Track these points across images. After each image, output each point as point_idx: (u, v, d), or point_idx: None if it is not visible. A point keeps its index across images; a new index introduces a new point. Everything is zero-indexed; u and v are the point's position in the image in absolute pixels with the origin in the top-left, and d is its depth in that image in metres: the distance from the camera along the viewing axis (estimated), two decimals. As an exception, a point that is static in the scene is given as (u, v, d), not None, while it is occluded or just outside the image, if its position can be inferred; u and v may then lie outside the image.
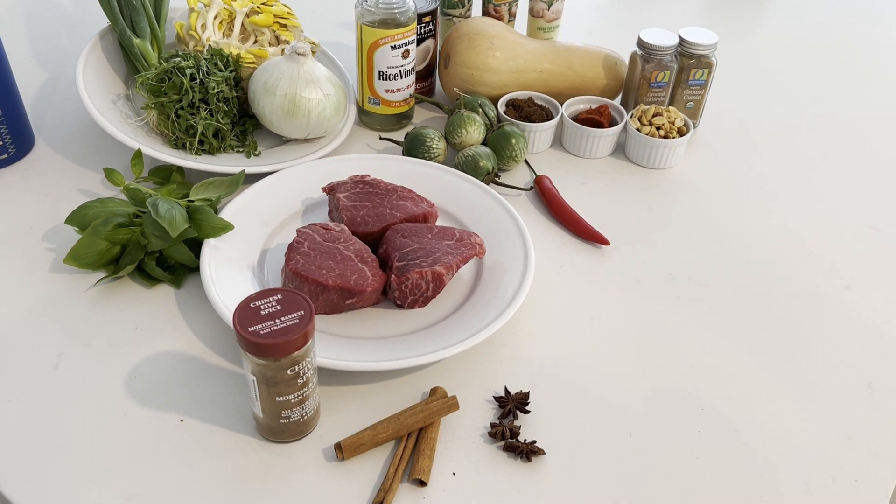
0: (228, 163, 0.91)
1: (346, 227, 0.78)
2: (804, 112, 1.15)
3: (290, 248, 0.74)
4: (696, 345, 0.76)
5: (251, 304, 0.59)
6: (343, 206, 0.81)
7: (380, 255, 0.77)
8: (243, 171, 0.84)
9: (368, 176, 0.85)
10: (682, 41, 0.99)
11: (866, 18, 1.47)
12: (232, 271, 0.77)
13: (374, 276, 0.73)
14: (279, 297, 0.60)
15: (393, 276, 0.73)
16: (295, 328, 0.58)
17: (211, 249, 0.78)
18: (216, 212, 0.84)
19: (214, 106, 0.90)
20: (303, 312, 0.59)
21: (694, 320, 0.78)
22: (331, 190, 0.84)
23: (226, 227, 0.79)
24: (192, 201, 0.82)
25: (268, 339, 0.57)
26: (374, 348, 0.71)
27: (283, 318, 0.58)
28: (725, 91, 1.18)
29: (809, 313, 0.80)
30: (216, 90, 0.90)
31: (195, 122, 0.89)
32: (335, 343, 0.71)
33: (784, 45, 1.35)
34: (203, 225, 0.79)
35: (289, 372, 0.60)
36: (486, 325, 0.71)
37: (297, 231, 0.76)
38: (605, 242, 0.86)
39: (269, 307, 0.59)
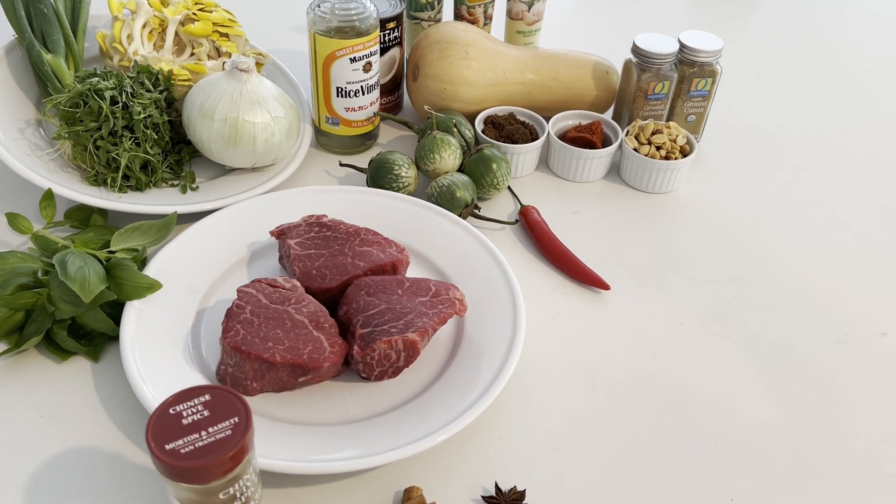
0: (159, 201, 0.77)
1: (298, 284, 0.65)
2: (815, 120, 1.04)
3: (229, 314, 0.61)
4: (716, 413, 0.64)
5: (170, 411, 0.46)
6: (295, 256, 0.68)
7: (340, 318, 0.64)
8: (175, 213, 0.70)
9: (325, 216, 0.72)
10: (682, 47, 0.87)
11: (869, 11, 1.36)
12: (161, 341, 0.63)
13: (332, 348, 0.60)
14: (206, 398, 0.47)
15: (356, 346, 0.60)
16: (226, 443, 0.45)
17: (135, 313, 0.64)
18: (143, 264, 0.70)
19: (141, 134, 0.76)
20: (236, 420, 0.46)
21: (712, 382, 0.67)
22: (280, 234, 0.71)
23: (152, 287, 0.65)
24: (114, 252, 0.68)
25: (191, 462, 0.44)
26: (334, 438, 0.58)
27: (210, 430, 0.45)
28: (725, 99, 1.06)
29: (844, 367, 0.69)
30: (143, 115, 0.76)
31: (117, 154, 0.75)
32: (285, 434, 0.58)
33: (783, 43, 1.23)
34: (124, 284, 0.65)
35: (221, 496, 0.47)
36: (469, 406, 0.59)
37: (238, 291, 0.63)
38: (605, 287, 0.74)
39: (193, 414, 0.46)
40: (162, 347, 0.63)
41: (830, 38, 1.27)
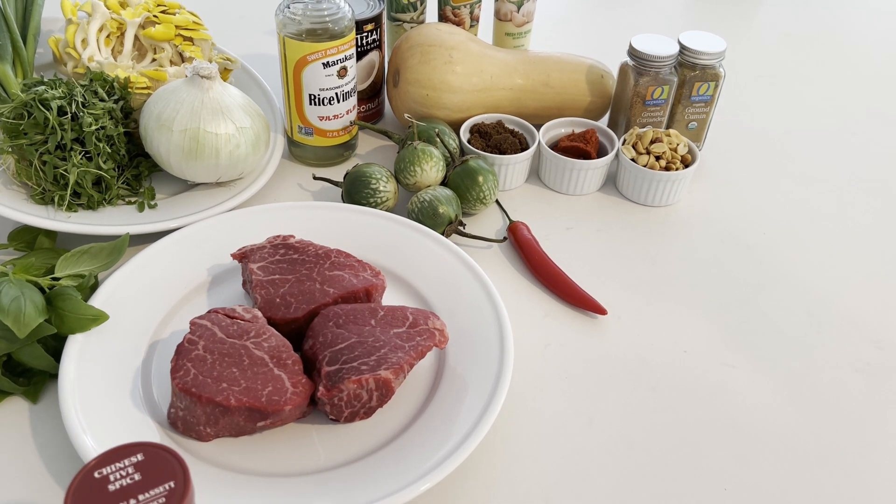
0: (113, 220, 0.70)
1: (259, 314, 0.58)
2: (825, 124, 0.98)
3: (180, 350, 0.54)
4: (725, 455, 0.57)
5: (95, 475, 0.40)
6: (257, 282, 0.61)
7: (305, 353, 0.57)
8: (127, 235, 0.64)
9: (292, 237, 0.66)
10: (682, 49, 0.81)
11: (879, 8, 1.30)
12: (106, 381, 0.57)
13: (294, 388, 0.54)
14: (139, 458, 0.40)
15: (321, 386, 0.54)
16: (158, 514, 0.38)
17: (77, 349, 0.58)
18: (92, 290, 0.63)
19: (93, 147, 0.70)
20: (172, 485, 0.39)
21: (720, 418, 0.60)
22: (243, 257, 0.64)
23: (98, 318, 0.59)
24: (58, 279, 0.61)
25: (114, 538, 0.37)
26: (299, 490, 0.51)
27: (141, 497, 0.39)
28: (729, 104, 1.00)
29: (866, 401, 0.62)
30: (94, 126, 0.69)
31: (66, 170, 0.69)
32: (243, 487, 0.51)
33: (789, 44, 1.17)
34: (66, 316, 0.58)
35: (154, 574, 0.40)
36: (452, 451, 0.52)
37: (192, 324, 0.56)
38: (602, 311, 0.68)
39: (122, 478, 0.40)
40: (107, 388, 0.56)
41: (839, 37, 1.21)
